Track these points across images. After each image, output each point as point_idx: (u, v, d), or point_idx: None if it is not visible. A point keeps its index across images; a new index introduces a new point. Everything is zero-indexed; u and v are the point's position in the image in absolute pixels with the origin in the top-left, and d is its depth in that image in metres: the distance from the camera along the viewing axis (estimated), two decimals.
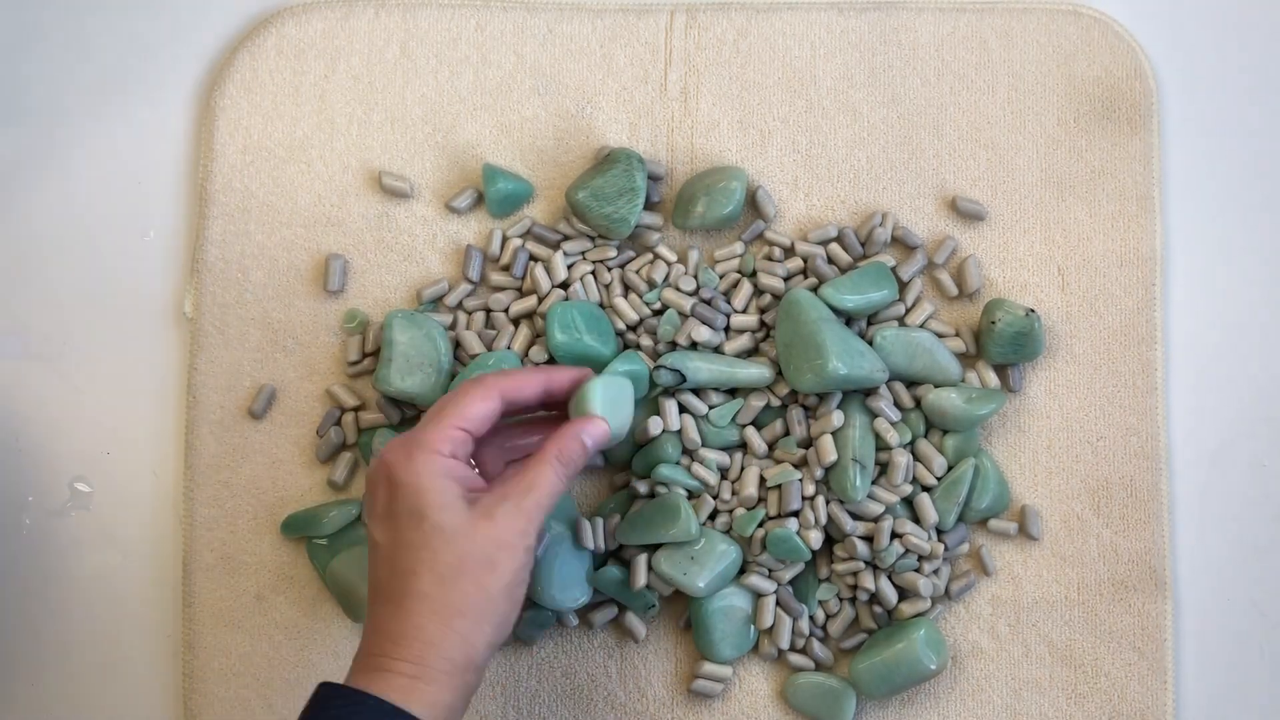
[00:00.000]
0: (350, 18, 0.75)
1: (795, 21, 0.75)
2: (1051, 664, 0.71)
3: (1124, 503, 0.72)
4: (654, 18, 0.75)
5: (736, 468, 0.71)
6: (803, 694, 0.70)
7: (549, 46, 0.75)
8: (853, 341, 0.69)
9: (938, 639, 0.69)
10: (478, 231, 0.74)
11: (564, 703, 0.71)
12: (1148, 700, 0.71)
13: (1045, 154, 0.74)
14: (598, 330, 0.70)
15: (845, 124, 0.74)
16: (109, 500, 0.74)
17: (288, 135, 0.74)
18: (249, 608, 0.72)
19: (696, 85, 0.74)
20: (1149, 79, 0.74)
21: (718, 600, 0.70)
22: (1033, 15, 0.75)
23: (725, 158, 0.74)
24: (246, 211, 0.74)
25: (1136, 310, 0.73)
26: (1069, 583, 0.72)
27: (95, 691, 0.73)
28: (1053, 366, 0.73)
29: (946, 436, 0.71)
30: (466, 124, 0.75)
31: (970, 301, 0.73)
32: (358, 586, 0.70)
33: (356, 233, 0.74)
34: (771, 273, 0.72)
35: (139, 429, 0.74)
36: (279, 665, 0.72)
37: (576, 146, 0.74)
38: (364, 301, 0.74)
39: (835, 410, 0.69)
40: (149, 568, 0.73)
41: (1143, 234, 0.73)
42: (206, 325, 0.73)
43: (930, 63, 0.74)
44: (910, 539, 0.69)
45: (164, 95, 0.76)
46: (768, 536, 0.69)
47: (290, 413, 0.73)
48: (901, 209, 0.74)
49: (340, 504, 0.72)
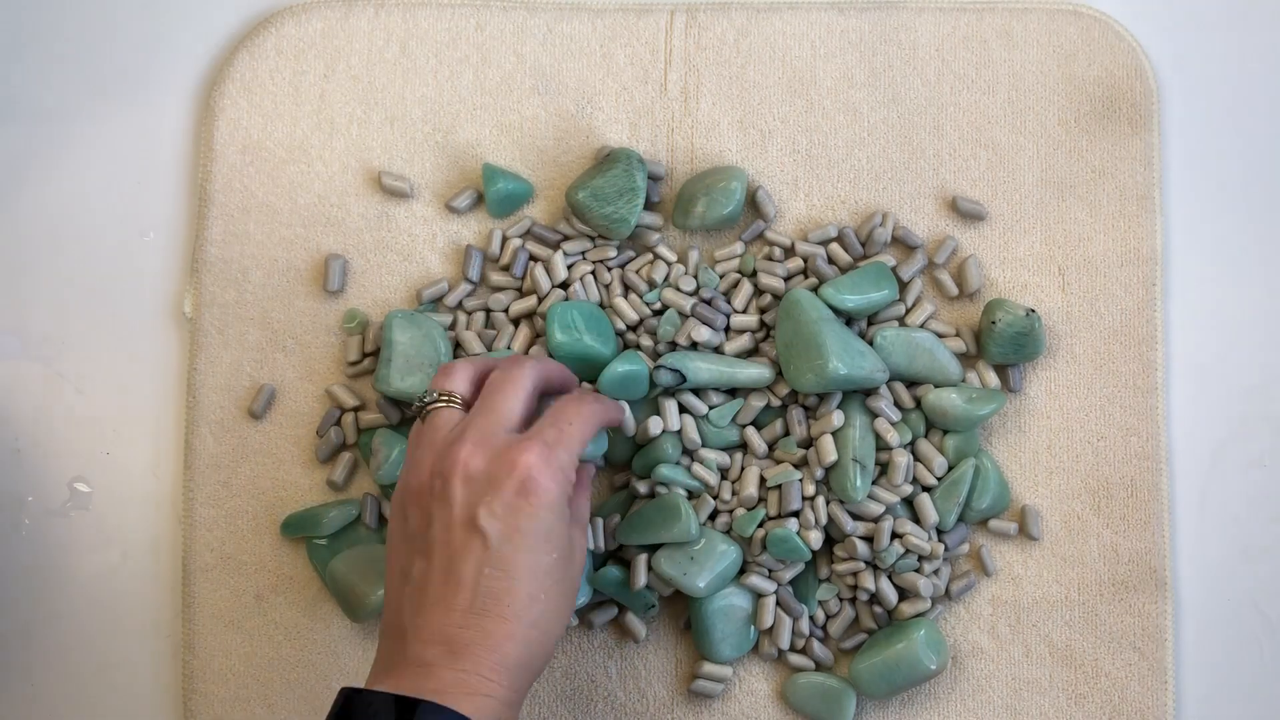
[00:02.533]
0: (350, 17, 0.75)
1: (795, 21, 0.75)
2: (1052, 664, 0.71)
3: (1124, 503, 0.72)
4: (654, 18, 0.75)
5: (736, 468, 0.71)
6: (803, 694, 0.70)
7: (549, 46, 0.75)
8: (853, 341, 0.69)
9: (938, 639, 0.69)
10: (478, 231, 0.74)
11: (564, 703, 0.71)
12: (1148, 700, 0.71)
13: (1045, 154, 0.74)
14: (598, 330, 0.70)
15: (845, 124, 0.74)
16: (109, 500, 0.74)
17: (287, 135, 0.74)
18: (249, 608, 0.72)
19: (696, 85, 0.74)
20: (1149, 79, 0.74)
21: (718, 600, 0.70)
22: (1033, 15, 0.75)
23: (725, 158, 0.74)
24: (246, 211, 0.74)
25: (1137, 310, 0.73)
26: (1069, 583, 0.72)
27: (95, 691, 0.73)
28: (1053, 366, 0.73)
29: (947, 436, 0.71)
30: (466, 124, 0.75)
31: (970, 301, 0.73)
32: (358, 586, 0.70)
33: (356, 233, 0.74)
34: (771, 273, 0.71)
35: (139, 429, 0.74)
36: (279, 665, 0.72)
37: (576, 146, 0.74)
38: (364, 301, 0.74)
39: (835, 410, 0.69)
40: (149, 568, 0.73)
41: (1143, 234, 0.73)
42: (206, 325, 0.73)
43: (930, 63, 0.74)
44: (910, 539, 0.69)
45: (164, 95, 0.76)
46: (768, 536, 0.69)
47: (290, 413, 0.73)
48: (901, 209, 0.74)
49: (340, 504, 0.72)
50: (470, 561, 0.57)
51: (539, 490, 0.57)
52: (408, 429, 0.72)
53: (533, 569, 0.57)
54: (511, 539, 0.57)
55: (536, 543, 0.57)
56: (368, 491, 0.72)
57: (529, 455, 0.57)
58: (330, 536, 0.72)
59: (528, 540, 0.57)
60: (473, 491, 0.57)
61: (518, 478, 0.57)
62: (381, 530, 0.72)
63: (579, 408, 0.61)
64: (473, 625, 0.56)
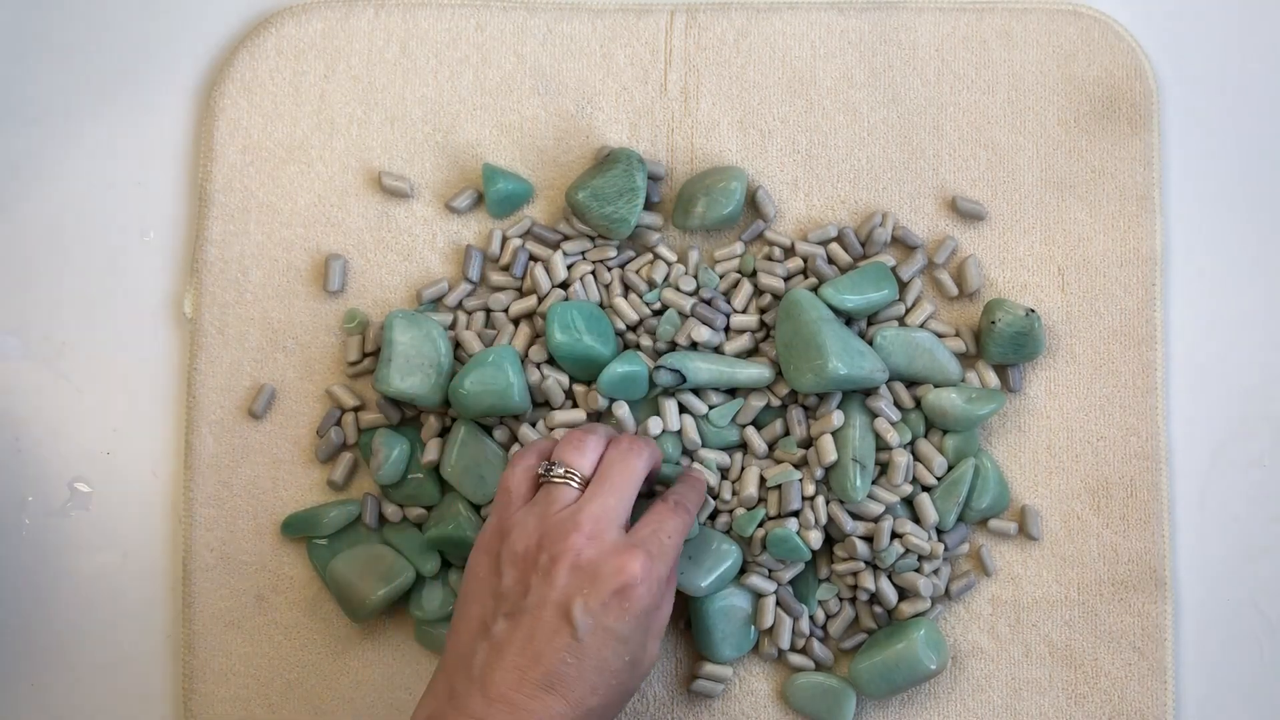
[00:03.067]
0: (350, 18, 0.75)
1: (795, 21, 0.75)
2: (1051, 664, 0.71)
3: (1124, 503, 0.72)
4: (654, 18, 0.75)
5: (736, 468, 0.71)
6: (803, 694, 0.70)
7: (549, 46, 0.75)
8: (853, 341, 0.69)
9: (938, 639, 0.69)
10: (478, 231, 0.74)
11: None
12: (1148, 700, 0.71)
13: (1045, 154, 0.74)
14: (598, 330, 0.70)
15: (845, 124, 0.74)
16: (109, 500, 0.74)
17: (287, 135, 0.74)
18: (249, 608, 0.72)
19: (696, 85, 0.74)
20: (1149, 79, 0.74)
21: (718, 600, 0.70)
22: (1033, 15, 0.75)
23: (725, 158, 0.74)
24: (246, 211, 0.74)
25: (1136, 310, 0.73)
26: (1069, 583, 0.72)
27: (95, 691, 0.73)
28: (1053, 366, 0.73)
29: (946, 436, 0.71)
30: (466, 124, 0.75)
31: (970, 301, 0.73)
32: (358, 586, 0.70)
33: (356, 233, 0.74)
34: (771, 273, 0.72)
35: (139, 429, 0.74)
36: (279, 665, 0.72)
37: (576, 146, 0.74)
38: (364, 301, 0.74)
39: (835, 410, 0.69)
40: (149, 568, 0.73)
41: (1143, 234, 0.73)
42: (206, 325, 0.73)
43: (930, 63, 0.74)
44: (910, 539, 0.69)
45: (164, 95, 0.76)
46: (768, 536, 0.69)
47: (290, 413, 0.73)
48: (901, 209, 0.74)
49: (340, 504, 0.72)
50: (554, 644, 0.60)
51: (635, 599, 0.60)
52: (408, 429, 0.72)
53: (603, 666, 0.60)
54: (595, 634, 0.60)
55: (616, 644, 0.60)
56: (368, 491, 0.72)
57: (635, 565, 0.61)
58: (330, 536, 0.72)
59: (609, 640, 0.60)
60: (575, 581, 0.60)
61: (620, 582, 0.60)
62: (381, 530, 0.72)
63: (678, 521, 0.64)
64: (538, 698, 0.59)
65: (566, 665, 0.59)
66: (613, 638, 0.60)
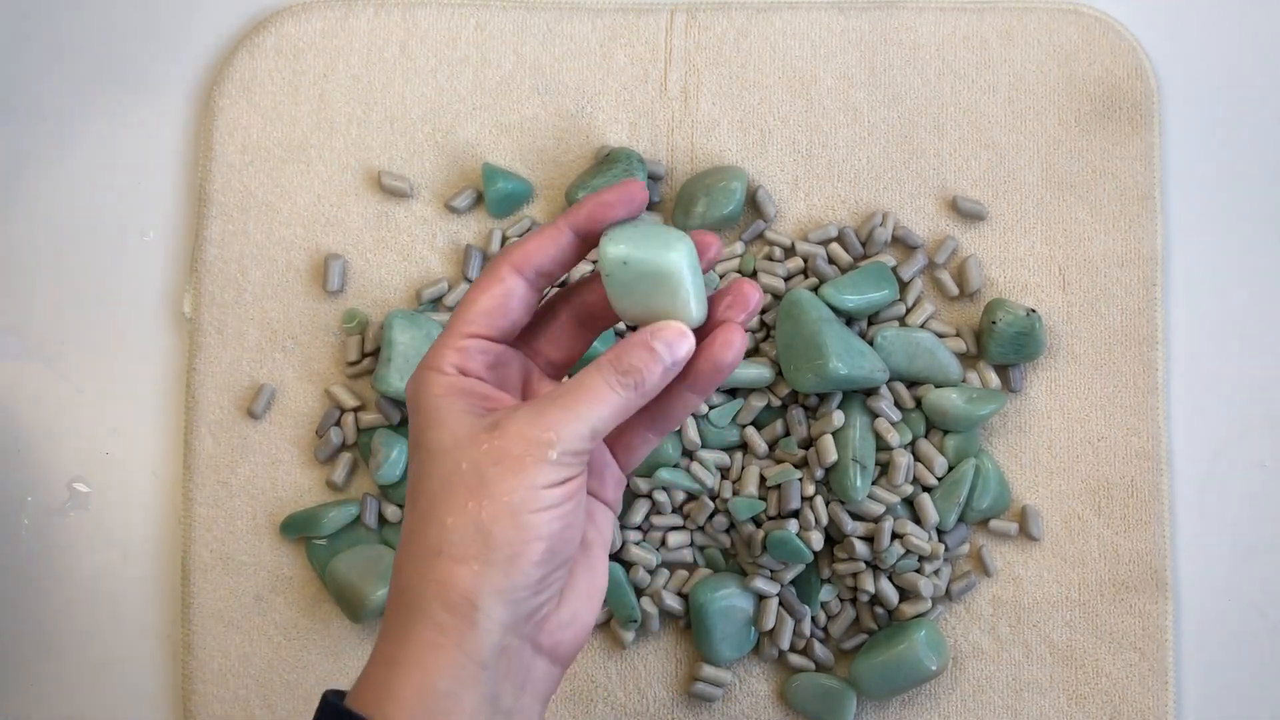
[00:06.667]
0: (349, 17, 0.75)
1: (795, 21, 0.75)
2: (1052, 664, 0.71)
3: (1124, 503, 0.72)
4: (654, 17, 0.75)
5: (736, 468, 0.71)
6: (803, 694, 0.70)
7: (549, 46, 0.75)
8: (853, 341, 0.69)
9: (938, 639, 0.69)
10: (477, 231, 0.74)
11: (564, 703, 0.71)
12: (1148, 700, 0.71)
13: (1046, 154, 0.74)
14: None
15: (845, 124, 0.74)
16: (108, 500, 0.74)
17: (287, 135, 0.74)
18: (248, 608, 0.72)
19: (696, 85, 0.74)
20: (1149, 79, 0.74)
21: (718, 601, 0.70)
22: (1033, 15, 0.75)
23: (725, 158, 0.74)
24: (245, 211, 0.74)
25: (1137, 310, 0.73)
26: (1070, 583, 0.72)
27: (95, 691, 0.73)
28: (1053, 366, 0.73)
29: (947, 436, 0.71)
30: (466, 124, 0.74)
31: (971, 301, 0.73)
32: (357, 587, 0.70)
33: (356, 233, 0.74)
34: (771, 273, 0.71)
35: (138, 429, 0.74)
36: (278, 665, 0.72)
37: (576, 146, 0.74)
38: (363, 301, 0.73)
39: (835, 410, 0.69)
40: (148, 568, 0.73)
41: (1143, 234, 0.73)
42: (205, 325, 0.73)
43: (931, 62, 0.74)
44: (911, 539, 0.69)
45: (163, 95, 0.76)
46: (768, 538, 0.69)
47: (290, 413, 0.73)
48: (902, 209, 0.74)
49: (340, 504, 0.72)
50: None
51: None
52: (407, 429, 0.72)
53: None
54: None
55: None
56: (368, 491, 0.72)
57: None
58: (330, 536, 0.72)
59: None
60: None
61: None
62: (381, 530, 0.72)
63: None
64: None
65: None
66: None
